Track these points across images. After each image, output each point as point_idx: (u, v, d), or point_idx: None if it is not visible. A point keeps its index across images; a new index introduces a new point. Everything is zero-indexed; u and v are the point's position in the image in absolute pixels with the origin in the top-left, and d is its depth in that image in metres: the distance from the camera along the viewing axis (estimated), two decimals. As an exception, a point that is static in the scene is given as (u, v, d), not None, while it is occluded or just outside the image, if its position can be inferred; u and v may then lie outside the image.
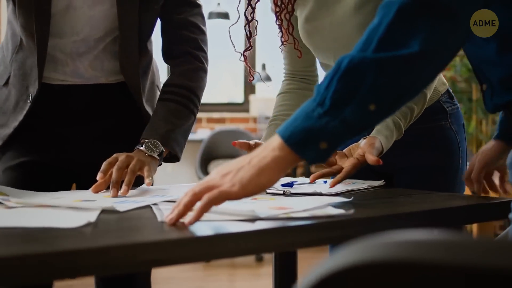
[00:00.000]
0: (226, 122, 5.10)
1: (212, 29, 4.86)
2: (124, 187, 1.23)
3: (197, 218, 0.84)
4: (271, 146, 0.87)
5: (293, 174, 4.44)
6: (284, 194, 1.22)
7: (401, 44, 0.85)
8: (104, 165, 1.28)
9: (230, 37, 1.47)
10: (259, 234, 0.86)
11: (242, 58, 1.47)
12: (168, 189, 1.33)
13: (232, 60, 5.44)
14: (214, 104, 5.21)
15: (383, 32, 0.85)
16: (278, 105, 1.56)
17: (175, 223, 0.86)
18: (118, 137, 1.50)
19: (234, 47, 1.46)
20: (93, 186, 1.26)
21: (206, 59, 1.53)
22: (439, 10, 0.86)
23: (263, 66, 5.08)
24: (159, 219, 0.91)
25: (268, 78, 4.89)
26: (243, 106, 5.30)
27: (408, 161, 1.41)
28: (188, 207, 0.86)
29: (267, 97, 5.16)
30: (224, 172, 0.87)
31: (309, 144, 0.85)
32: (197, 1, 1.52)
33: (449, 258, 0.45)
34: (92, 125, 1.49)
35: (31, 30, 1.37)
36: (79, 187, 1.50)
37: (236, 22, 1.46)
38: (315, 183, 1.38)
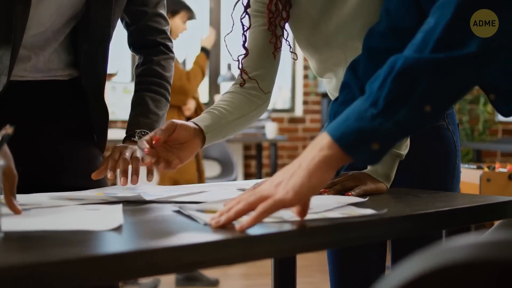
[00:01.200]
0: (191, 121, 5.07)
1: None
2: (134, 176, 1.31)
3: (250, 226, 0.83)
4: (319, 145, 0.86)
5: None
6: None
7: (459, 44, 0.85)
8: (111, 162, 1.33)
9: (226, 46, 1.44)
10: (297, 234, 0.86)
11: (240, 65, 1.44)
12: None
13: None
14: (179, 104, 5.16)
15: (441, 32, 0.85)
16: (220, 99, 1.43)
17: (222, 227, 0.85)
18: (79, 136, 1.47)
19: (231, 55, 1.42)
20: (95, 172, 1.33)
21: (172, 47, 1.60)
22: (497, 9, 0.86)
23: (229, 66, 5.08)
24: (201, 222, 0.89)
25: (233, 78, 4.90)
26: (208, 106, 5.26)
27: (406, 160, 1.42)
28: (240, 215, 0.85)
29: (232, 97, 5.14)
30: (276, 182, 0.86)
31: (360, 144, 0.84)
32: None
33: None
34: (52, 125, 1.43)
35: (1, 22, 1.28)
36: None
37: (231, 31, 1.41)
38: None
